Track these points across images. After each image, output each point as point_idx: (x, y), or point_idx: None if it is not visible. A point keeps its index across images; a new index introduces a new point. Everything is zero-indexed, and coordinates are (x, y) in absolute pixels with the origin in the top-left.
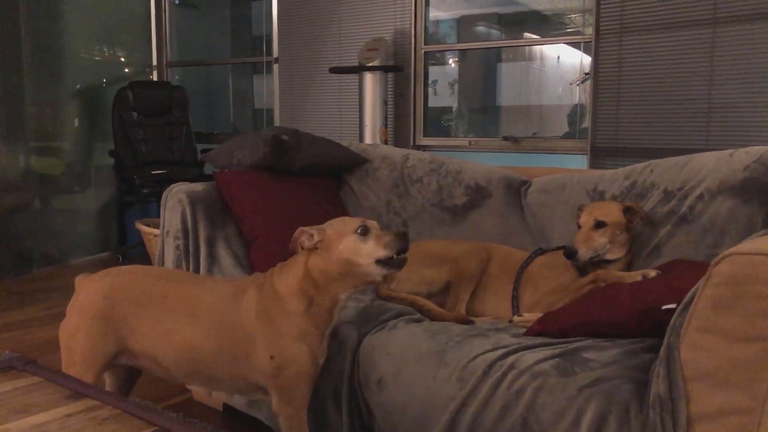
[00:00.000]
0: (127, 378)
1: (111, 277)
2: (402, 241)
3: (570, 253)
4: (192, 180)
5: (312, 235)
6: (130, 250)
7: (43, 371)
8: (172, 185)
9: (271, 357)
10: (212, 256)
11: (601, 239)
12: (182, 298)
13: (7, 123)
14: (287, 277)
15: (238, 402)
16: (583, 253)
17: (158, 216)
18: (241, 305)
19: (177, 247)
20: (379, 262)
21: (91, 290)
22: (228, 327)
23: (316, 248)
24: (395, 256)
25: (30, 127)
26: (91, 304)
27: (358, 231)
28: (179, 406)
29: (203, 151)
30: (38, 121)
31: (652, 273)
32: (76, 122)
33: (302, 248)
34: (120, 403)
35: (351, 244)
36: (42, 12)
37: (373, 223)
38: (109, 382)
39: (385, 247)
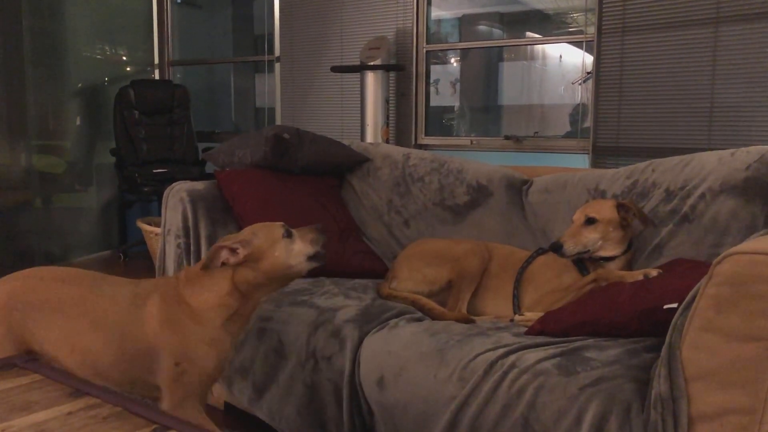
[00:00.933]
0: None
1: (9, 283)
2: (323, 235)
3: (556, 247)
4: (193, 179)
5: (236, 250)
6: (131, 249)
7: (44, 369)
8: (173, 184)
9: (176, 364)
10: None
11: (590, 235)
12: (79, 303)
13: (9, 122)
14: (204, 293)
15: (239, 401)
16: (569, 248)
17: (159, 215)
18: (143, 315)
19: (178, 245)
20: (309, 258)
21: None
22: (129, 336)
23: (243, 262)
24: (321, 250)
25: (32, 125)
26: None
27: (284, 234)
28: None
29: (205, 149)
30: (40, 120)
31: (654, 272)
32: (78, 121)
33: (224, 264)
34: (121, 401)
35: (283, 249)
36: (44, 10)
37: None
38: None
39: (312, 243)
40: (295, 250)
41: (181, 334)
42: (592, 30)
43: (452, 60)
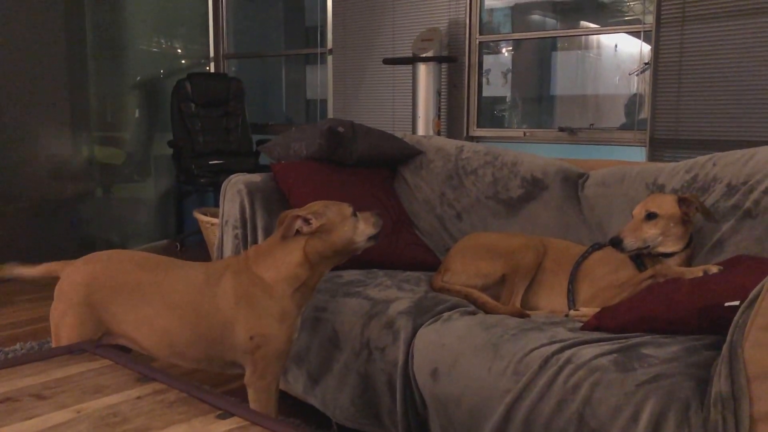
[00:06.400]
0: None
1: (91, 264)
2: (380, 219)
3: (615, 242)
4: (248, 170)
5: (309, 221)
6: (187, 238)
7: (113, 354)
8: (231, 176)
9: (251, 338)
10: None
11: (651, 231)
12: (155, 285)
13: (72, 114)
14: (276, 264)
15: (294, 389)
16: (629, 243)
17: (215, 205)
18: (217, 292)
19: (236, 236)
20: (369, 238)
21: (73, 278)
22: (203, 313)
23: (314, 233)
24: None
25: (93, 117)
26: (74, 291)
27: (352, 213)
28: (235, 392)
29: (259, 142)
30: (101, 112)
31: (714, 269)
32: (137, 113)
33: (297, 233)
34: (186, 387)
35: (351, 226)
36: (105, 3)
37: None
38: None
39: (374, 225)
40: (360, 228)
41: (254, 308)
42: (650, 19)
43: (504, 50)
